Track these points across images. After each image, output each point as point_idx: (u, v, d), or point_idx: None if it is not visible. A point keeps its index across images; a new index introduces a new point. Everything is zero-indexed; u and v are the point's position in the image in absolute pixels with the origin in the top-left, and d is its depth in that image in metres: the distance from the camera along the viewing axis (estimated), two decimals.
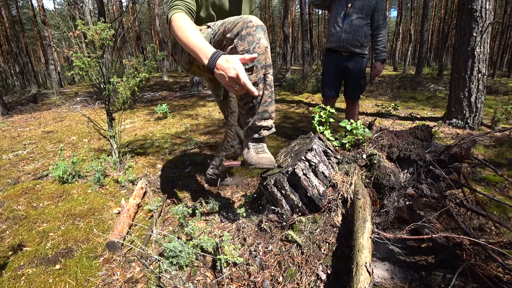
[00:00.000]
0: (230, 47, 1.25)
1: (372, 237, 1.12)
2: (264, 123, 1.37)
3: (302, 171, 1.37)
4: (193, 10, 1.42)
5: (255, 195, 1.79)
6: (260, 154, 1.39)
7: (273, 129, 1.42)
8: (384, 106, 4.69)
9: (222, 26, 1.29)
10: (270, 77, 1.31)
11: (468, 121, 3.61)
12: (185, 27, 1.25)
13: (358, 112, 3.27)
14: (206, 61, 1.16)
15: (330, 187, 1.46)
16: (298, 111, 5.29)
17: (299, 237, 1.32)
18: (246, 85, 1.14)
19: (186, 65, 1.58)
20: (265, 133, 1.39)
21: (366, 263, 0.98)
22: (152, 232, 1.66)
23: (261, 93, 1.31)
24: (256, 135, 1.39)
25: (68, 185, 2.37)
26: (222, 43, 1.30)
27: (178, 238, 1.45)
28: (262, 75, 1.27)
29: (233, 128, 1.91)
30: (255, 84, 1.28)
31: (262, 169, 1.42)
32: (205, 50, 1.17)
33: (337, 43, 2.78)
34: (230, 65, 1.11)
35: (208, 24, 1.37)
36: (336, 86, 2.94)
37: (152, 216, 1.86)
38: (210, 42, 1.29)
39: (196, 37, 1.21)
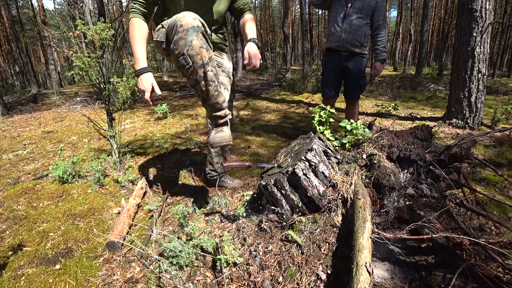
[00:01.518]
0: (171, 51, 1.44)
1: (372, 237, 1.12)
2: (218, 113, 1.55)
3: (302, 171, 1.37)
4: (149, 9, 1.63)
5: (255, 195, 1.79)
6: (217, 134, 1.57)
7: (229, 116, 1.61)
8: (384, 106, 4.69)
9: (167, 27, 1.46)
10: (211, 74, 1.44)
11: (468, 121, 3.60)
12: (134, 33, 1.56)
13: (358, 112, 3.25)
14: (136, 69, 1.53)
15: (330, 187, 1.46)
16: (298, 111, 5.29)
17: (299, 237, 1.32)
18: (146, 99, 1.53)
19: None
20: (221, 122, 1.59)
21: (366, 263, 0.98)
22: (152, 232, 1.66)
23: (204, 89, 1.46)
24: (215, 124, 1.60)
25: (68, 185, 2.37)
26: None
27: (178, 238, 1.45)
28: (202, 73, 1.42)
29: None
30: (196, 82, 1.46)
31: (218, 147, 1.70)
32: (138, 62, 1.53)
33: (337, 42, 2.77)
34: (142, 85, 1.51)
35: (163, 23, 1.51)
36: (336, 86, 2.94)
37: (152, 216, 1.86)
38: (166, 41, 1.48)
39: (138, 47, 1.54)
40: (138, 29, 1.57)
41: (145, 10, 1.62)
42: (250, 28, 1.74)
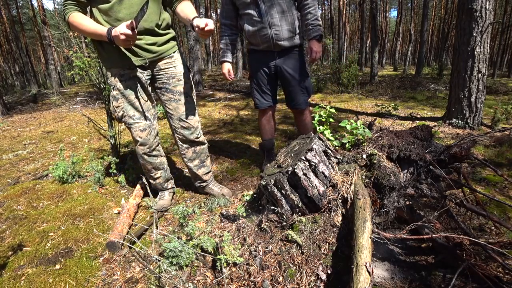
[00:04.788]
0: None
1: (372, 237, 1.12)
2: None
3: (302, 171, 1.37)
4: (82, 3, 1.62)
5: (255, 195, 1.79)
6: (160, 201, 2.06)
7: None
8: (384, 106, 4.69)
9: None
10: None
11: (468, 121, 3.60)
12: (80, 22, 1.55)
13: (312, 121, 2.24)
14: (105, 38, 1.50)
15: (330, 187, 1.46)
16: None
17: (299, 237, 1.32)
18: (131, 34, 1.44)
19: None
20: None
21: (366, 263, 0.98)
22: (152, 232, 1.66)
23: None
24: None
25: (68, 185, 2.37)
26: None
27: (178, 238, 1.45)
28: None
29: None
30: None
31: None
32: (101, 31, 1.52)
33: (266, 43, 2.05)
34: (118, 32, 1.44)
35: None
36: (271, 91, 2.26)
37: (152, 215, 1.86)
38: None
39: (91, 25, 1.55)
40: (80, 17, 1.55)
41: (79, 3, 1.60)
42: (190, 10, 1.68)
